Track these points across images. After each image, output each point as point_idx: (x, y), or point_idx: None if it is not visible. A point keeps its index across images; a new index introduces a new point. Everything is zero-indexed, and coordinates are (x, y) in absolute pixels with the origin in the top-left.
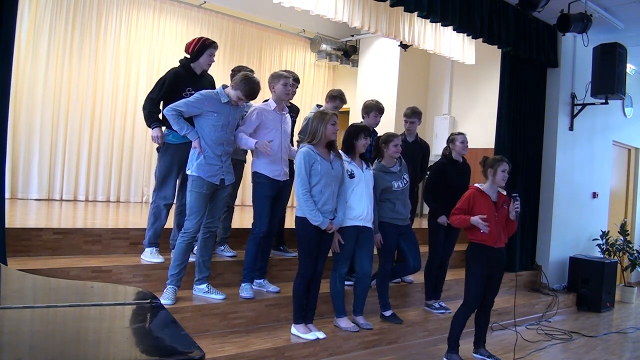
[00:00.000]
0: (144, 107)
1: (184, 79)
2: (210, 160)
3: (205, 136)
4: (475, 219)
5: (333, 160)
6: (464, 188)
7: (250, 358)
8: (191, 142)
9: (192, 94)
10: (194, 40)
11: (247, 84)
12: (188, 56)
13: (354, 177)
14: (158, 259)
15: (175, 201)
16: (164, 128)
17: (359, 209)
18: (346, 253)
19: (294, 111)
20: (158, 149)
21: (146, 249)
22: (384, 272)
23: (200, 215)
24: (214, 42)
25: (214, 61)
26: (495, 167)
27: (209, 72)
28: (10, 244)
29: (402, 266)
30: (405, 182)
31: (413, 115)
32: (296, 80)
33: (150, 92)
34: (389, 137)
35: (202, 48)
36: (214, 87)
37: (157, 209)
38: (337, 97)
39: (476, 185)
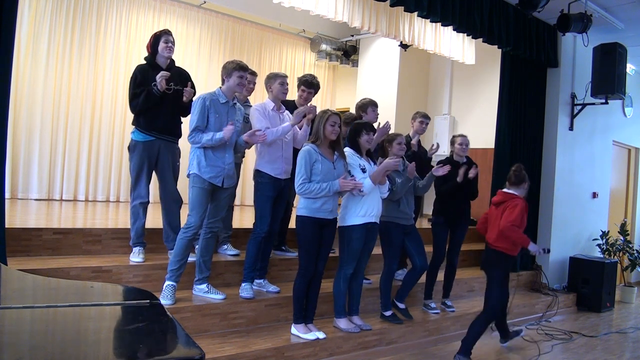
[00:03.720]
0: (137, 104)
1: (152, 74)
2: (211, 161)
3: None
4: (534, 249)
5: (336, 160)
6: (469, 188)
7: (250, 358)
8: (159, 138)
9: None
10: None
11: (231, 62)
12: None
13: (365, 171)
14: (138, 258)
15: (151, 199)
16: (133, 127)
17: (369, 205)
18: (353, 254)
19: None
20: (129, 148)
21: (133, 249)
22: (389, 272)
23: (203, 210)
24: (164, 29)
25: (171, 47)
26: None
27: (191, 71)
28: (10, 244)
29: (410, 274)
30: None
31: (427, 117)
32: (311, 85)
33: (129, 94)
34: (393, 136)
35: (155, 40)
36: (187, 79)
37: (135, 209)
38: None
39: (522, 198)
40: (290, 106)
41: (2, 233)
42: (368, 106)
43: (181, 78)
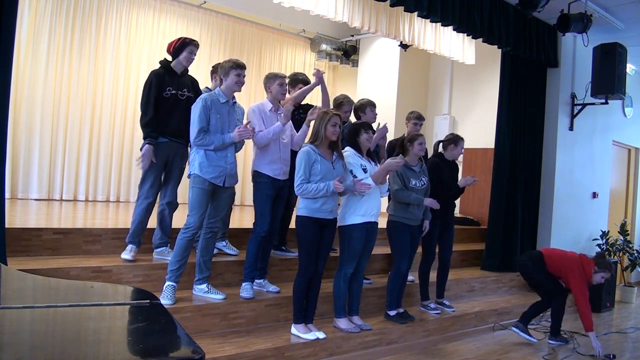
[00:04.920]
0: (142, 115)
1: (165, 79)
2: (213, 161)
3: None
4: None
5: (335, 160)
6: (455, 186)
7: (250, 358)
8: (172, 140)
9: (173, 94)
10: (174, 39)
11: (227, 61)
12: (169, 57)
13: (366, 171)
14: (128, 255)
15: (158, 200)
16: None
17: (369, 204)
18: (353, 253)
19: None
20: (142, 149)
21: (128, 246)
22: (397, 271)
23: (202, 211)
24: (195, 41)
25: (194, 59)
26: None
27: (195, 76)
28: (10, 244)
29: (393, 279)
30: (423, 183)
31: (421, 118)
32: (307, 82)
33: (142, 99)
34: (414, 136)
35: (182, 45)
36: (196, 89)
37: (139, 207)
38: (342, 103)
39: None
40: (306, 110)
41: (2, 233)
42: (366, 107)
43: (193, 86)
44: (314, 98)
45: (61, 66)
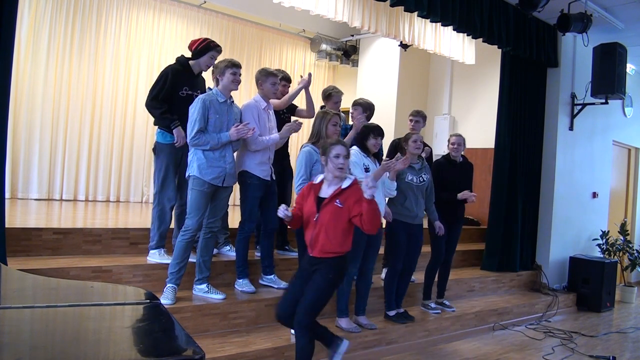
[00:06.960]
0: (153, 107)
1: (183, 78)
2: (212, 162)
3: None
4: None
5: None
6: (464, 187)
7: (250, 358)
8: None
9: (189, 94)
10: (199, 39)
11: (222, 61)
12: (188, 54)
13: (368, 170)
14: (167, 259)
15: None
16: (155, 127)
17: None
18: (356, 252)
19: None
20: (154, 150)
21: (152, 251)
22: (393, 271)
23: (201, 213)
24: (219, 46)
25: (213, 64)
26: (328, 152)
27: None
28: (10, 244)
29: (390, 279)
30: (422, 180)
31: (418, 114)
32: (287, 79)
33: (151, 90)
34: (409, 135)
35: (205, 48)
36: (204, 90)
37: (162, 211)
38: (331, 95)
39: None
40: (290, 110)
41: (2, 233)
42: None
43: (203, 87)
44: (301, 99)
45: (61, 66)
